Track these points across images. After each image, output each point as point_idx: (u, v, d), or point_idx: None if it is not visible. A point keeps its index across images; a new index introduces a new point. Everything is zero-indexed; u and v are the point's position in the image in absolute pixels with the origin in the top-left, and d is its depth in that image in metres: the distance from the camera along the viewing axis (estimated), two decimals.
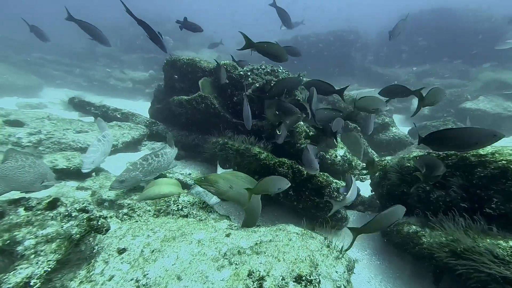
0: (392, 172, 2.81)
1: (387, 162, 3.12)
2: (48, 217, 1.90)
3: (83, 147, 4.50)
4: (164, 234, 2.29)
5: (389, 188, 2.96)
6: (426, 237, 2.12)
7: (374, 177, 3.55)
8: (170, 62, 5.78)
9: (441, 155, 2.36)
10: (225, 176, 2.79)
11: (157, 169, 3.41)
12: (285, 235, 2.19)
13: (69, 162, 3.72)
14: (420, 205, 2.49)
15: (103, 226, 1.91)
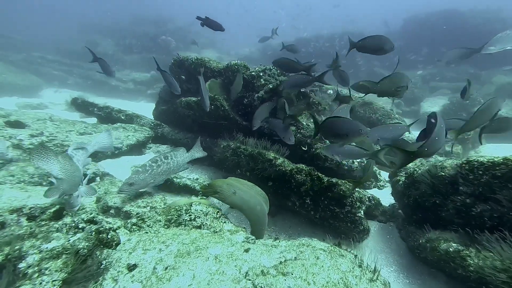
0: (422, 181, 2.64)
1: (414, 170, 2.95)
2: (53, 229, 1.76)
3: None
4: (178, 248, 2.14)
5: (418, 199, 2.79)
6: (473, 259, 1.95)
7: (398, 185, 3.38)
8: (178, 62, 5.68)
9: (486, 164, 2.19)
10: (229, 182, 2.73)
11: (166, 171, 3.30)
12: (311, 252, 2.03)
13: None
14: (459, 219, 2.32)
15: (113, 239, 1.76)
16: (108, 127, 5.49)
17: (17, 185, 3.00)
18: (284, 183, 3.46)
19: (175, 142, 5.75)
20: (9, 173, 3.09)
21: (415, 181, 2.86)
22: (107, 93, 15.96)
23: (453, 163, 2.43)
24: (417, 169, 2.92)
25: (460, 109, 10.46)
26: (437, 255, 2.21)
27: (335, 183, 2.94)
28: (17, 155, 3.77)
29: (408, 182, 3.05)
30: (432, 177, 2.52)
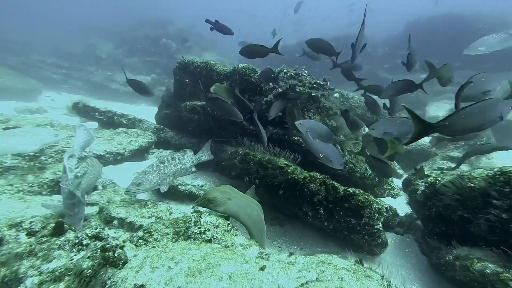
0: (446, 192, 2.51)
1: (437, 179, 2.82)
2: (54, 246, 1.64)
3: (88, 155, 4.27)
4: (188, 265, 2.00)
5: (441, 211, 2.65)
6: None
7: (416, 195, 3.25)
8: (183, 65, 5.61)
9: None
10: (222, 189, 2.67)
11: (173, 173, 3.21)
12: (333, 272, 1.90)
13: None
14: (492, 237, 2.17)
15: (120, 258, 1.64)
16: (110, 132, 5.40)
17: (16, 195, 2.88)
18: (296, 191, 3.34)
19: (179, 147, 5.63)
20: (8, 182, 2.97)
21: (437, 191, 2.73)
22: (107, 96, 15.96)
23: (483, 173, 2.30)
24: (439, 178, 2.79)
25: None
26: (470, 276, 2.05)
27: (353, 194, 2.82)
28: (16, 162, 3.66)
29: (429, 192, 2.92)
30: (458, 189, 2.39)
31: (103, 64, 18.09)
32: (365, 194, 2.81)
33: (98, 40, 20.20)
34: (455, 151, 6.77)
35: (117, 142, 5.06)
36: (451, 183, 2.48)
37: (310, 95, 4.25)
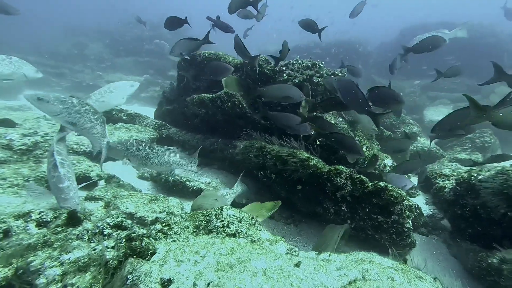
0: (489, 189, 2.43)
1: (472, 175, 2.76)
2: (72, 236, 1.49)
3: (87, 150, 4.09)
4: (216, 260, 1.87)
5: (478, 209, 2.58)
6: None
7: (444, 193, 3.19)
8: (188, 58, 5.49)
9: None
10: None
11: (141, 160, 3.06)
12: (379, 271, 1.79)
13: (74, 167, 3.30)
14: None
15: (148, 248, 1.50)
16: (110, 127, 5.22)
17: (9, 190, 2.70)
18: (316, 187, 3.24)
19: (183, 143, 5.49)
20: (0, 175, 2.78)
21: (472, 188, 2.67)
22: None
23: None
24: (475, 174, 2.73)
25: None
26: None
27: (384, 188, 2.73)
28: (7, 156, 3.46)
29: (461, 190, 2.86)
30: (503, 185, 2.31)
31: (92, 64, 17.73)
32: (398, 189, 2.74)
33: (86, 39, 19.86)
34: (462, 153, 6.83)
35: (117, 137, 4.88)
36: (493, 179, 2.42)
37: (326, 87, 4.20)
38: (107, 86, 3.76)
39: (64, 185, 2.23)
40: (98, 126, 2.67)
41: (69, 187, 2.28)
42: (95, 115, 2.65)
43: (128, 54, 18.77)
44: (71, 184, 2.33)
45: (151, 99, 14.76)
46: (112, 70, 17.63)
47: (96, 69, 17.13)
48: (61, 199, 2.17)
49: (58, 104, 2.49)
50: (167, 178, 3.82)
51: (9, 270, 1.25)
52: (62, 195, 2.17)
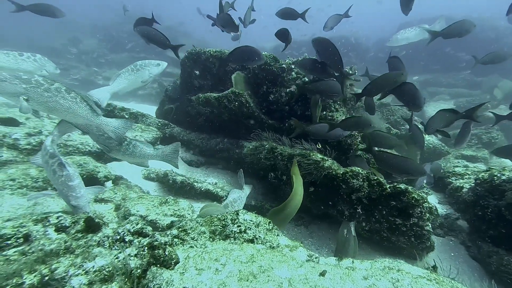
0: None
1: (494, 175, 2.75)
2: (92, 243, 1.46)
3: (92, 150, 4.04)
4: (238, 268, 1.84)
5: (503, 210, 2.57)
6: None
7: (462, 193, 3.18)
8: (193, 55, 5.45)
9: None
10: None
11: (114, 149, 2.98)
12: (412, 281, 1.77)
13: (81, 168, 3.26)
14: None
15: (171, 257, 1.47)
16: None
17: (19, 191, 2.66)
18: (330, 188, 3.22)
19: (187, 143, 5.46)
20: (8, 176, 2.74)
21: (496, 189, 2.66)
22: None
23: None
24: (498, 174, 2.72)
25: None
26: None
27: (405, 190, 2.71)
28: (13, 156, 3.41)
29: (482, 190, 2.84)
30: None
31: (87, 60, 17.58)
32: (418, 191, 2.72)
33: (80, 35, 19.68)
34: (469, 149, 6.84)
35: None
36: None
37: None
38: (133, 64, 3.80)
39: (74, 183, 2.21)
40: (80, 104, 2.43)
41: (79, 185, 2.26)
42: (69, 93, 2.41)
43: (124, 50, 18.61)
44: (80, 182, 2.32)
45: (148, 97, 14.64)
46: (108, 66, 17.45)
47: (91, 65, 16.92)
48: (73, 197, 2.12)
49: (19, 83, 2.24)
50: (174, 179, 3.79)
51: (34, 277, 1.22)
52: (74, 193, 2.14)
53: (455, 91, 13.51)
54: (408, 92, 2.61)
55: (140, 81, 3.86)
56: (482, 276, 2.77)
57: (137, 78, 3.77)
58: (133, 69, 3.80)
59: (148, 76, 3.85)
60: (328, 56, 3.08)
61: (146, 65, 3.86)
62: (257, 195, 4.30)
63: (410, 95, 2.59)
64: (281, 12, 4.60)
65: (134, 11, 16.86)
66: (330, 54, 3.04)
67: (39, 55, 3.59)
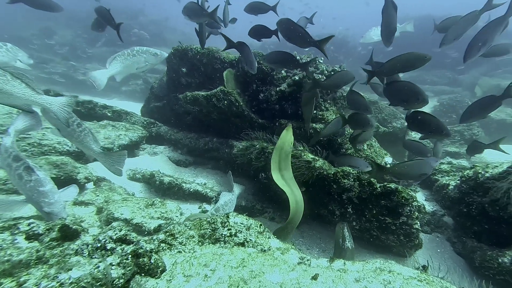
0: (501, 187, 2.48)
1: (478, 172, 2.81)
2: (70, 251, 1.34)
3: (71, 150, 3.83)
4: (228, 274, 1.76)
5: (487, 207, 2.63)
6: None
7: (448, 190, 3.24)
8: (180, 52, 5.29)
9: None
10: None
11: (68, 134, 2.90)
12: (403, 283, 1.75)
13: (59, 169, 3.07)
14: None
15: (157, 265, 1.37)
16: (94, 125, 4.94)
17: None
18: (321, 188, 3.20)
19: (175, 143, 5.30)
20: None
21: (480, 186, 2.72)
22: (71, 89, 14.56)
23: None
24: (482, 171, 2.78)
25: (450, 110, 11.00)
26: None
27: (395, 190, 2.72)
28: None
29: (467, 187, 2.91)
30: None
31: (63, 53, 16.62)
32: (408, 190, 2.73)
33: (53, 25, 18.58)
34: (452, 146, 7.05)
35: (103, 136, 4.63)
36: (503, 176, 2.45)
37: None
38: (131, 48, 3.62)
39: (46, 188, 2.04)
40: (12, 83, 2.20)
41: (52, 190, 2.10)
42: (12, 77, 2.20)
43: (104, 43, 17.78)
44: (53, 186, 2.15)
45: (132, 93, 14.14)
46: (86, 60, 16.58)
47: (68, 58, 15.96)
48: (45, 204, 1.97)
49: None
50: (161, 180, 3.66)
51: None
52: (46, 199, 1.98)
53: (439, 89, 13.91)
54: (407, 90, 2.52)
55: (135, 68, 3.67)
56: (466, 272, 2.83)
57: (132, 63, 3.58)
58: (130, 53, 3.61)
59: (144, 63, 3.66)
60: (293, 35, 3.07)
61: (143, 52, 3.68)
62: (248, 195, 4.23)
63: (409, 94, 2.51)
64: (249, 7, 4.33)
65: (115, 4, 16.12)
66: (294, 31, 3.04)
67: (10, 44, 3.32)
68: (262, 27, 3.71)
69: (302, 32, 2.99)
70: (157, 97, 6.40)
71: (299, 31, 3.01)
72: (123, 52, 3.66)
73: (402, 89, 2.54)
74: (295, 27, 3.02)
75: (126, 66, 3.61)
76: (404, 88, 2.54)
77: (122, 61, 3.63)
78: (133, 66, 3.64)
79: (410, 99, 2.47)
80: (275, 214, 3.80)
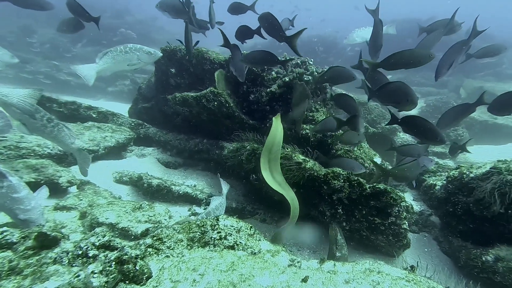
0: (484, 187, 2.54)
1: (463, 174, 2.87)
2: (47, 260, 1.26)
3: (53, 153, 3.66)
4: (217, 278, 1.72)
5: (471, 207, 2.69)
6: None
7: (435, 190, 3.31)
8: (168, 52, 5.20)
9: None
10: None
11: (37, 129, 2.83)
12: (392, 283, 1.76)
13: (38, 173, 2.93)
14: None
15: (143, 272, 1.31)
16: (78, 126, 4.77)
17: None
18: (313, 190, 3.19)
19: (164, 144, 5.20)
20: None
21: (465, 186, 2.78)
22: (53, 89, 13.94)
23: None
24: (467, 172, 2.85)
25: (436, 111, 11.36)
26: None
27: (384, 190, 2.74)
28: None
29: (452, 187, 2.97)
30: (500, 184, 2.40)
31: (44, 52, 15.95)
32: (396, 190, 2.77)
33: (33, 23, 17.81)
34: (438, 146, 7.22)
35: (88, 137, 4.48)
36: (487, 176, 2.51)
37: (317, 86, 4.18)
38: (124, 45, 3.55)
39: (21, 194, 1.94)
40: None
41: (28, 196, 1.99)
42: None
43: (89, 43, 17.21)
44: (29, 192, 2.04)
45: (119, 94, 13.76)
46: (70, 59, 15.98)
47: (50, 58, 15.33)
48: (21, 211, 1.87)
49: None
50: (150, 182, 3.56)
51: None
52: (22, 206, 1.88)
53: (425, 90, 14.25)
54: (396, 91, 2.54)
55: (127, 64, 3.56)
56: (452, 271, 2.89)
57: (124, 60, 3.48)
58: (122, 50, 3.50)
59: (136, 60, 3.56)
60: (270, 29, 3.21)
61: (137, 49, 3.58)
62: (239, 197, 4.18)
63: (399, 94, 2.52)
64: (230, 7, 4.42)
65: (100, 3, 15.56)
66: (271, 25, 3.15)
67: None
68: (245, 28, 3.74)
69: (277, 25, 3.08)
70: (145, 98, 6.27)
71: (275, 25, 3.10)
72: (116, 48, 3.56)
73: (393, 89, 2.57)
74: (272, 20, 3.10)
75: (117, 62, 3.50)
76: (395, 88, 2.57)
77: (113, 57, 3.54)
78: (124, 63, 3.54)
79: (400, 99, 2.49)
80: (266, 216, 3.77)
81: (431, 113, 11.06)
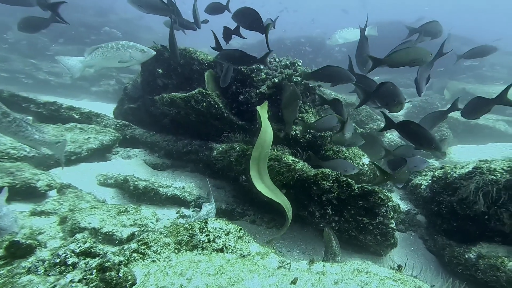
0: (468, 187, 2.61)
1: (447, 173, 2.95)
2: (20, 270, 1.18)
3: (30, 155, 3.49)
4: (205, 282, 1.67)
5: (455, 206, 2.77)
6: None
7: (421, 190, 3.38)
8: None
9: None
10: None
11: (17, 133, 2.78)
12: (380, 284, 1.77)
13: (13, 177, 2.77)
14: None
15: (126, 279, 1.25)
16: (59, 128, 4.58)
17: None
18: (303, 190, 3.20)
19: (151, 145, 5.07)
20: None
21: (449, 185, 2.85)
22: (32, 89, 13.23)
23: (505, 165, 2.46)
24: (450, 172, 2.93)
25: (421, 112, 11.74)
26: (500, 276, 2.10)
27: (372, 191, 2.78)
28: None
29: (437, 187, 3.04)
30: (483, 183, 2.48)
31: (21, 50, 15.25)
32: (384, 190, 2.81)
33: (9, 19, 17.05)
34: None
35: (70, 139, 4.31)
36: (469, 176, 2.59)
37: (306, 86, 4.20)
38: (116, 41, 3.44)
39: None
40: None
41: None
42: None
43: (70, 41, 16.59)
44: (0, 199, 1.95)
45: (104, 94, 13.30)
46: (50, 58, 15.32)
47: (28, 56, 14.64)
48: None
49: None
50: (136, 185, 3.46)
51: None
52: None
53: (411, 91, 14.59)
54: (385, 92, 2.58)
55: (118, 61, 3.44)
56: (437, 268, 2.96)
57: (115, 56, 3.36)
58: (114, 46, 3.38)
59: (128, 58, 3.45)
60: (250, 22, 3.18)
61: (129, 47, 3.46)
62: (228, 198, 4.13)
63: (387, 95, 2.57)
64: (209, 8, 4.37)
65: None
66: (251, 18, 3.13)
67: None
68: (226, 28, 3.71)
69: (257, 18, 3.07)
70: (131, 98, 6.12)
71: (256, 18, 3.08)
72: (107, 44, 3.45)
73: (384, 90, 2.62)
74: (253, 13, 3.09)
75: (107, 58, 3.38)
76: (386, 89, 2.61)
77: (103, 53, 3.42)
78: (115, 60, 3.42)
79: (389, 100, 2.54)
80: (256, 217, 3.74)
81: (417, 113, 11.40)
